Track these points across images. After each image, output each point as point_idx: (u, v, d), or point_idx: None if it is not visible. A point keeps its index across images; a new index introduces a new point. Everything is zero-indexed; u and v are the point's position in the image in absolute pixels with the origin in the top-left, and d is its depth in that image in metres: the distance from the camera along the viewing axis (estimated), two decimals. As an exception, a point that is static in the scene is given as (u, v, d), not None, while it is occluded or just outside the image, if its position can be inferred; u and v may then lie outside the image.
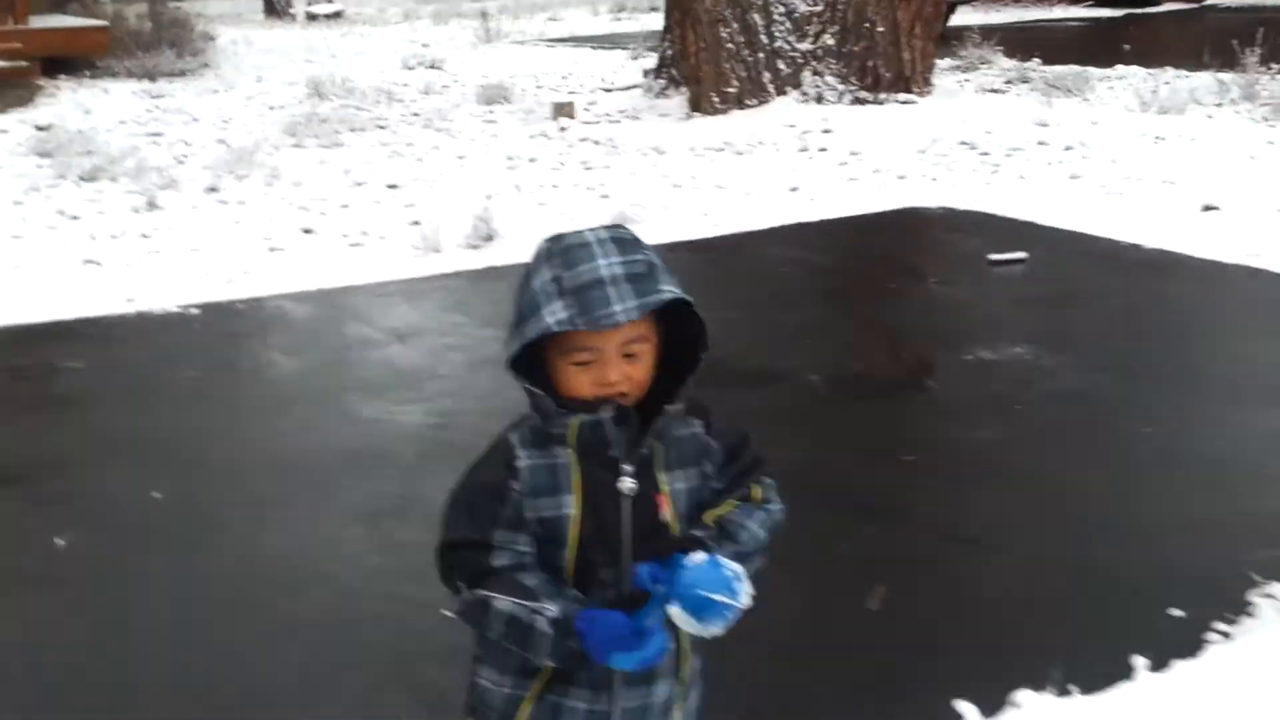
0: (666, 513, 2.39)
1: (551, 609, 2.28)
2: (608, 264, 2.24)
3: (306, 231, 10.46)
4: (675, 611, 2.19)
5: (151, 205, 11.04)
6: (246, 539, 5.30)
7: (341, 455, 6.16)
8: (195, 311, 8.60)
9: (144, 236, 10.26)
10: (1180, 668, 4.12)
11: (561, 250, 2.28)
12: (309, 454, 6.21)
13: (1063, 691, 3.95)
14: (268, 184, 12.11)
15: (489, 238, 9.99)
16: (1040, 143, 13.25)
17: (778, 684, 4.11)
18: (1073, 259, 9.52)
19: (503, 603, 2.29)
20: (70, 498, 5.72)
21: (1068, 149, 12.93)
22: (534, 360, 2.32)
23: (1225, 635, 4.29)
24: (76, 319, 8.45)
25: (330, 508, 5.58)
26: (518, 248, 9.64)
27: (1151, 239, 9.65)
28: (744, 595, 2.20)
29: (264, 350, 8.04)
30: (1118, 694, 3.95)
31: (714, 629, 2.20)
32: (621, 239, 2.30)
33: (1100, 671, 4.06)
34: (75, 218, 10.81)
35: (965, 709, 3.90)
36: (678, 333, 2.37)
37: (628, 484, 2.35)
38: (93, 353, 7.88)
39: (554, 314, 2.21)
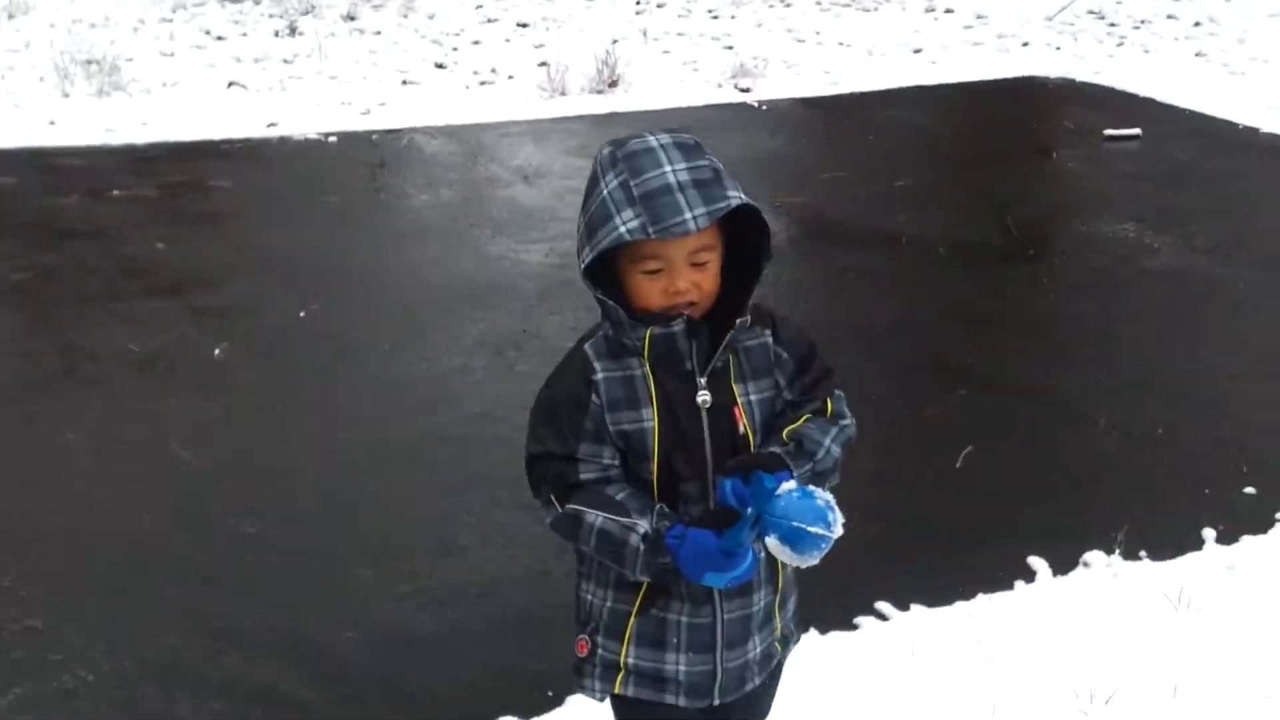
0: (743, 424, 2.40)
1: (643, 525, 2.30)
2: (674, 170, 2.22)
3: (439, 66, 10.81)
4: (772, 543, 2.19)
5: (292, 30, 11.43)
6: (383, 360, 5.76)
7: (469, 288, 6.58)
8: (333, 140, 9.05)
9: (285, 62, 10.68)
10: (1247, 542, 4.43)
11: (626, 155, 2.26)
12: (439, 285, 6.64)
13: (1132, 555, 4.28)
14: (403, 15, 12.43)
15: (613, 83, 10.26)
16: (1169, 16, 13.16)
17: (866, 537, 4.46)
18: (1189, 138, 9.59)
19: (594, 517, 2.32)
20: (225, 311, 6.21)
21: (1196, 24, 12.83)
22: (605, 268, 2.30)
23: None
24: (223, 139, 8.95)
25: (458, 336, 6.00)
26: (641, 94, 9.97)
27: (1271, 123, 9.67)
28: (838, 525, 2.19)
29: (398, 182, 8.46)
30: (1184, 562, 4.27)
31: (810, 560, 2.20)
32: (684, 144, 2.28)
33: (1170, 540, 4.37)
34: (220, 38, 11.24)
35: (1038, 564, 4.26)
36: (743, 240, 2.35)
37: (704, 396, 2.36)
38: (240, 173, 8.38)
39: (626, 222, 2.20)
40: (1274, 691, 3.63)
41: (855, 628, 3.97)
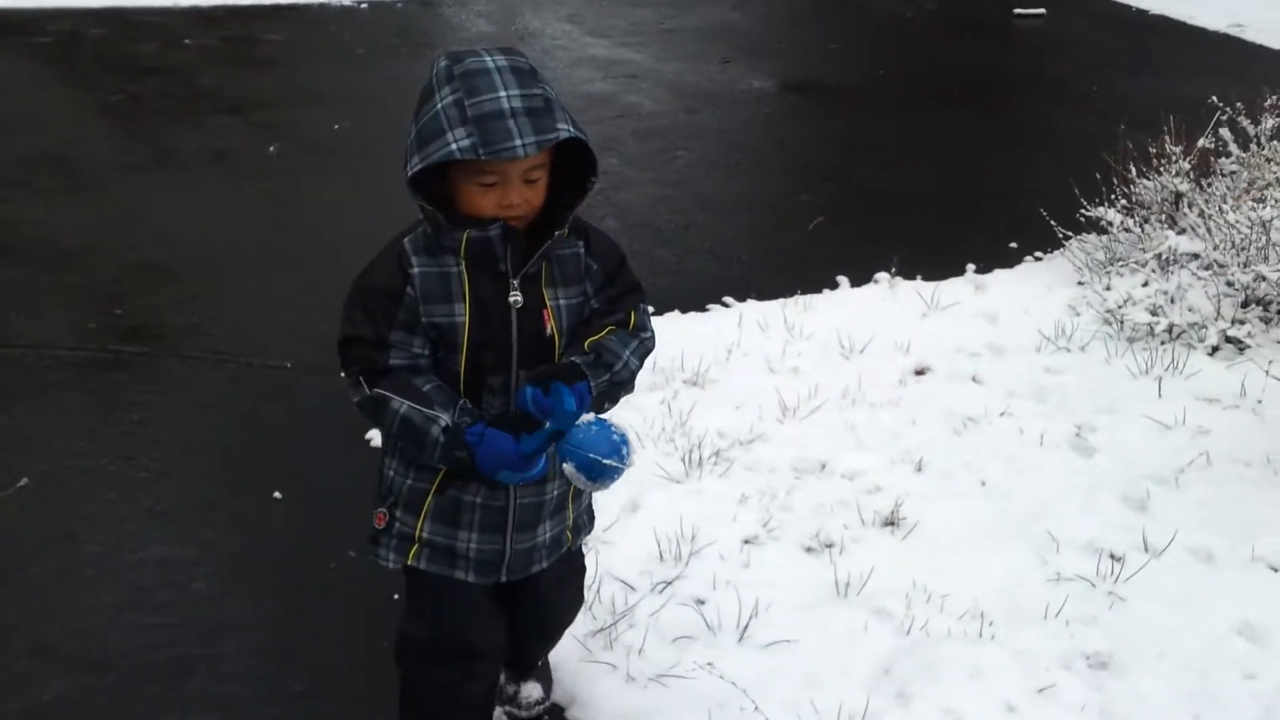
0: (550, 326, 2.54)
1: (444, 418, 2.42)
2: (507, 95, 2.31)
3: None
4: (569, 469, 2.33)
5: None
6: (398, 161, 7.55)
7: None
8: (365, 7, 10.88)
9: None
10: (997, 273, 6.23)
11: (463, 74, 2.34)
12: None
13: (908, 275, 6.09)
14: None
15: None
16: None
17: (738, 258, 6.32)
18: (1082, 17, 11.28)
19: (399, 404, 2.44)
20: (275, 124, 8.05)
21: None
22: (431, 172, 2.43)
23: (1038, 258, 6.39)
24: (272, 4, 10.77)
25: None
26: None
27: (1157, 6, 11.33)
28: (631, 457, 2.34)
29: (414, 38, 10.27)
30: (946, 283, 6.06)
31: (602, 487, 2.37)
32: (519, 68, 2.37)
33: (940, 269, 6.17)
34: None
35: (842, 280, 6.08)
36: (572, 157, 2.49)
37: (515, 296, 2.49)
38: (286, 30, 10.23)
39: (458, 140, 2.31)
40: (971, 347, 5.44)
41: (707, 310, 5.79)
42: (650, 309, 2.75)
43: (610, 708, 3.30)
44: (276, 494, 4.23)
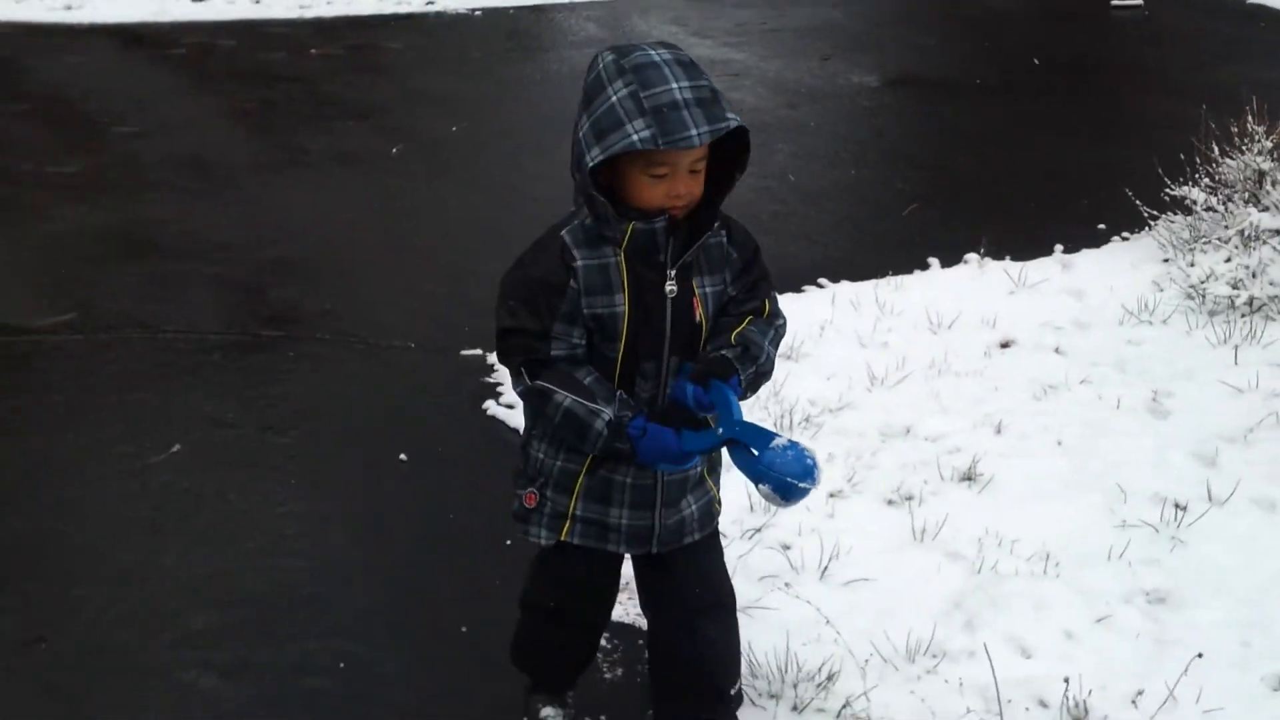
0: (699, 313, 2.63)
1: (607, 412, 2.53)
2: (679, 87, 2.39)
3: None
4: (765, 490, 2.45)
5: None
6: (509, 155, 8.03)
7: (574, 113, 8.79)
8: (479, 14, 11.37)
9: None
10: (1085, 253, 6.47)
11: (635, 67, 2.42)
12: (553, 112, 8.83)
13: (997, 256, 6.35)
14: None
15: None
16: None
17: (834, 243, 6.63)
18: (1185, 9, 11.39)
19: (563, 397, 2.54)
20: (398, 127, 8.52)
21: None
22: (603, 167, 2.48)
23: (1125, 238, 6.62)
24: (391, 14, 11.31)
25: (567, 143, 8.23)
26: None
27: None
28: (820, 477, 2.45)
29: (525, 42, 10.74)
30: (1033, 262, 6.31)
31: (793, 505, 2.49)
32: (683, 61, 2.45)
33: (1028, 249, 6.42)
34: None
35: (933, 261, 6.36)
36: (722, 150, 2.55)
37: (671, 286, 2.58)
38: (405, 38, 10.75)
39: (638, 131, 2.37)
40: (1056, 322, 5.70)
41: (803, 291, 6.11)
42: (777, 295, 2.84)
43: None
44: (402, 456, 4.63)
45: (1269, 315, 5.59)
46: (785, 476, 2.43)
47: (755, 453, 2.47)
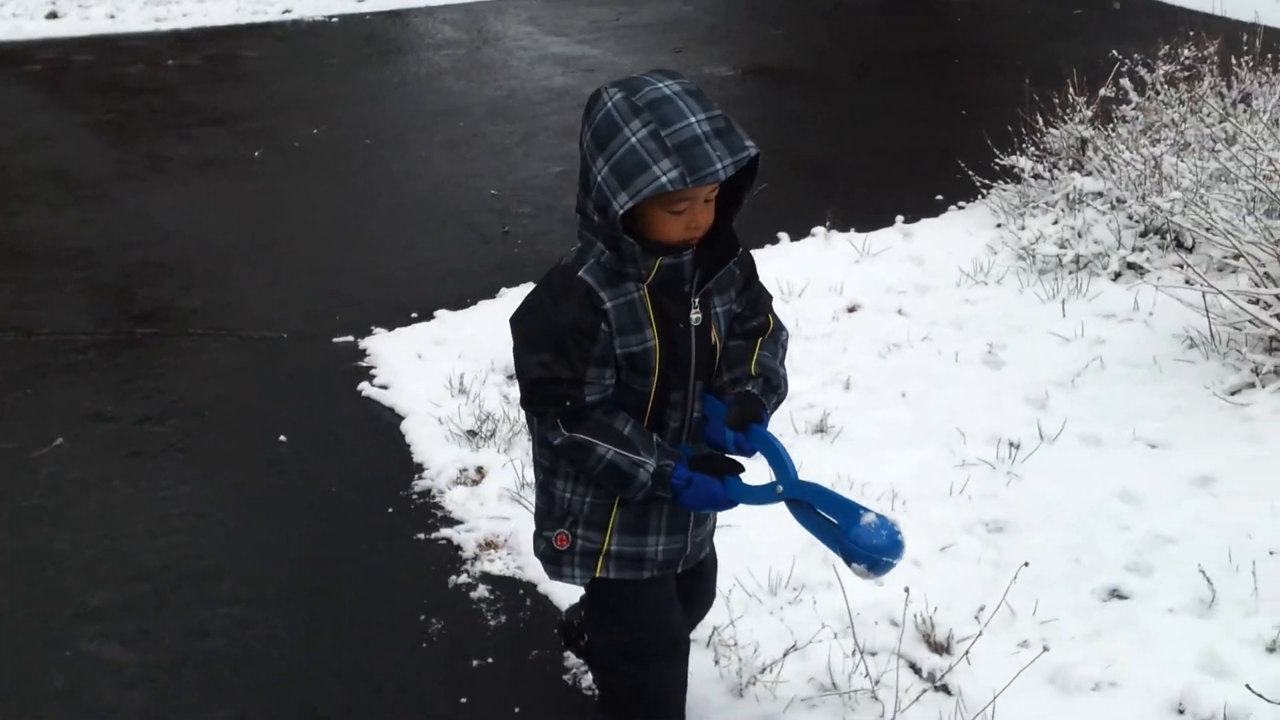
0: (714, 335, 2.63)
1: (651, 463, 2.52)
2: (698, 120, 2.34)
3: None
4: (859, 569, 2.43)
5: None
6: (370, 153, 8.20)
7: (434, 112, 9.02)
8: (336, 21, 11.50)
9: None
10: (924, 222, 6.84)
11: (648, 104, 2.35)
12: (413, 112, 9.07)
13: (842, 229, 6.69)
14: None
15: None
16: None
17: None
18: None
19: (605, 450, 2.51)
20: (258, 132, 8.64)
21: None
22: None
23: (960, 208, 7.01)
24: (247, 23, 11.39)
25: (427, 141, 8.44)
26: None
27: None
28: (906, 549, 2.45)
29: (384, 46, 10.88)
30: (876, 233, 6.66)
31: (882, 577, 2.48)
32: (692, 91, 2.40)
33: (871, 221, 6.76)
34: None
35: (782, 236, 6.67)
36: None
37: (697, 315, 2.57)
38: (262, 46, 10.84)
39: (666, 172, 2.31)
40: (898, 287, 6.04)
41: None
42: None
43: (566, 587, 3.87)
44: (281, 438, 4.80)
45: (1093, 271, 5.98)
46: (881, 556, 2.41)
47: (835, 522, 2.48)
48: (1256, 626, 3.50)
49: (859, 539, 2.41)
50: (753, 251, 5.80)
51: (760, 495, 2.60)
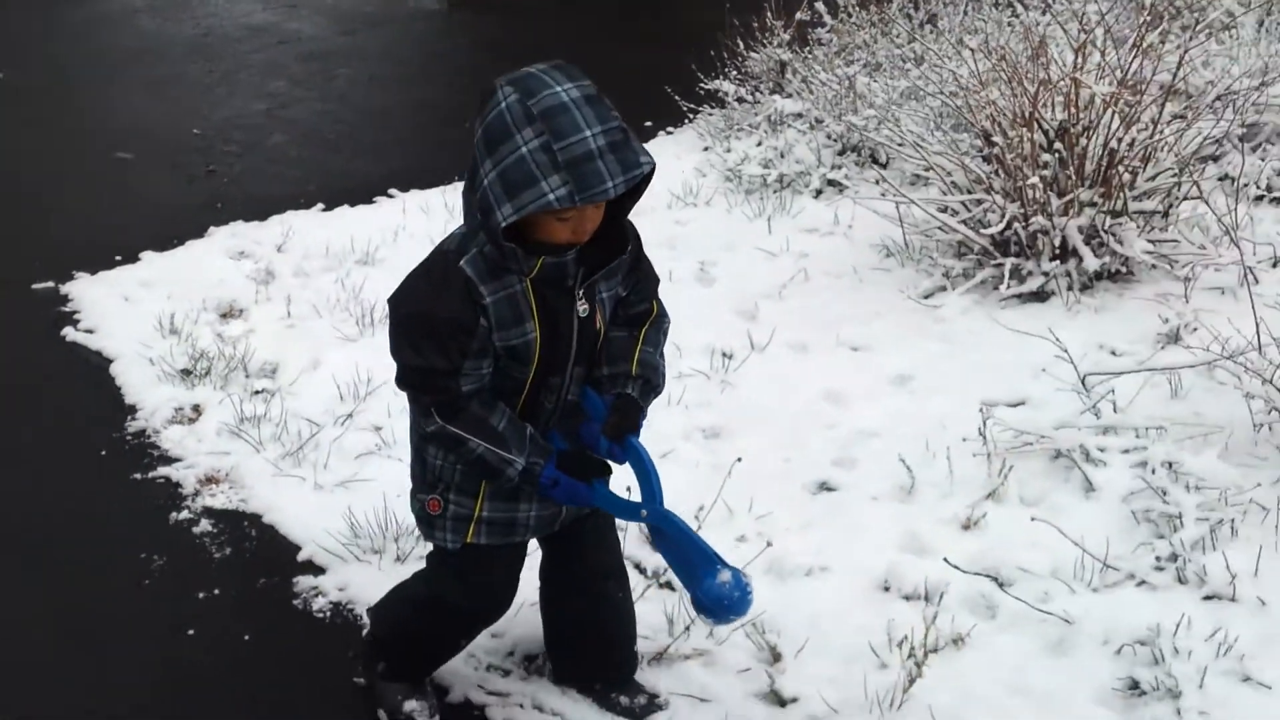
0: (599, 321, 2.61)
1: (520, 461, 2.53)
2: (593, 135, 2.27)
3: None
4: (709, 621, 2.52)
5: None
6: (66, 100, 7.86)
7: (131, 52, 8.70)
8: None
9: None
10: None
11: (542, 113, 2.28)
12: (108, 53, 8.73)
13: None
14: None
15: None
16: None
17: (400, 157, 6.88)
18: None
19: (476, 445, 2.50)
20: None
21: None
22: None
23: (669, 132, 7.14)
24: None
25: (125, 82, 8.15)
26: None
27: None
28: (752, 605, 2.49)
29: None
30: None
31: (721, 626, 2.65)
32: (590, 97, 2.33)
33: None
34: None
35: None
36: None
37: (583, 306, 2.54)
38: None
39: (554, 189, 2.26)
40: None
41: (374, 202, 6.34)
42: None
43: (299, 509, 3.86)
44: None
45: (796, 189, 6.22)
46: (730, 615, 2.47)
47: (691, 567, 2.51)
48: (952, 508, 3.73)
49: (710, 591, 2.45)
50: (450, 187, 5.87)
51: (624, 509, 2.63)
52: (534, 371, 2.55)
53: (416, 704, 2.99)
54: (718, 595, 2.44)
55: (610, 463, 2.66)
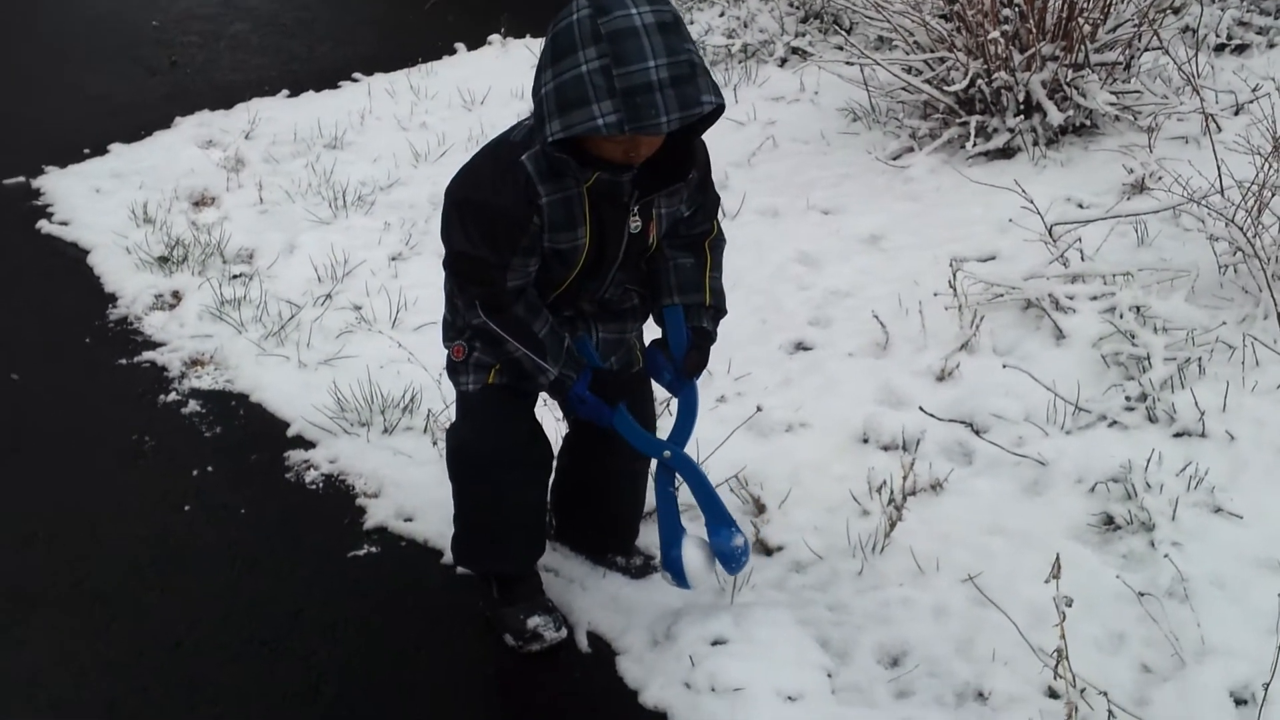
0: (653, 235, 2.61)
1: (553, 372, 2.56)
2: (656, 65, 2.20)
3: None
4: (716, 566, 2.71)
5: None
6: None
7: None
8: None
9: None
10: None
11: (610, 34, 2.21)
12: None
13: (518, 36, 6.71)
14: None
15: None
16: None
17: (362, 41, 6.84)
18: None
19: (514, 348, 2.53)
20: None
21: None
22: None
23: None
24: None
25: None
26: None
27: None
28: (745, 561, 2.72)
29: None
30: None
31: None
32: (665, 25, 2.24)
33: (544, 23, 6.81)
34: None
35: (460, 46, 6.66)
36: None
37: (636, 223, 2.53)
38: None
39: (604, 115, 2.21)
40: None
41: (339, 87, 6.32)
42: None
43: (285, 387, 3.92)
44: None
45: (761, 59, 6.23)
46: (729, 563, 2.70)
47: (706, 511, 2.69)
48: (926, 360, 3.81)
49: (722, 545, 2.68)
50: (431, 64, 5.90)
51: (647, 443, 2.68)
52: (576, 274, 2.56)
53: (540, 619, 2.91)
54: (728, 552, 2.68)
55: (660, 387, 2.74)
